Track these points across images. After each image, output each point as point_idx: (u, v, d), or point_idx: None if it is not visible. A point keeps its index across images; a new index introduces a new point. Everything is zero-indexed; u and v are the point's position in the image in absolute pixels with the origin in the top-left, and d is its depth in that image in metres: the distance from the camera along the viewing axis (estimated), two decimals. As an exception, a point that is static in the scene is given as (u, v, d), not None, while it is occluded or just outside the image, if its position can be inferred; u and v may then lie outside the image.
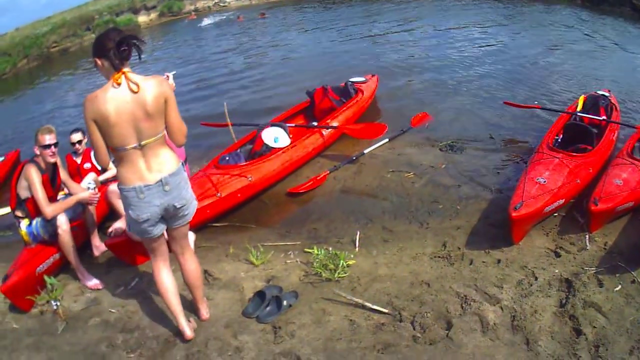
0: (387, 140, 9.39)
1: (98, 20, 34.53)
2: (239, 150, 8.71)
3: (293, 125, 9.41)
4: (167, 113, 4.15)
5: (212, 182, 7.43)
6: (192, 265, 4.86)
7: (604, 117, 8.56)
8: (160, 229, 4.50)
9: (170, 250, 4.81)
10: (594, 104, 9.14)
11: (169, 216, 4.44)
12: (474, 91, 12.23)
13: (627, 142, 7.58)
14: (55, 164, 6.34)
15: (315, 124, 9.59)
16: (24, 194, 6.17)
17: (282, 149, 8.51)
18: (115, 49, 3.91)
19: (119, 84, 3.94)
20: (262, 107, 12.48)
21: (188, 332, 4.90)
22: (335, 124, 9.39)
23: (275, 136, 8.73)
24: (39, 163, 6.15)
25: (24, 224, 6.26)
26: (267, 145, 8.58)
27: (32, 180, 5.99)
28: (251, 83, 15.21)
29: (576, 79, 12.69)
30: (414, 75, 13.94)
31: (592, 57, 14.94)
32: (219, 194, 7.23)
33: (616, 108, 9.08)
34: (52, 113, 15.95)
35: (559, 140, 8.05)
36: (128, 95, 3.95)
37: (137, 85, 3.96)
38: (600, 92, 9.49)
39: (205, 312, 5.20)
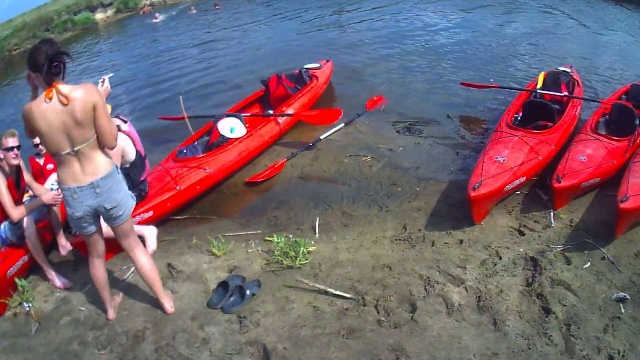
0: (343, 125, 9.41)
1: (57, 21, 34.04)
2: (196, 143, 8.66)
3: (248, 114, 9.39)
4: (96, 118, 4.31)
5: (171, 176, 7.41)
6: (142, 259, 4.99)
7: (565, 93, 8.62)
8: (95, 227, 4.75)
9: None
10: (554, 80, 9.19)
11: (104, 216, 4.66)
12: (430, 73, 12.21)
13: (591, 117, 7.65)
14: (18, 167, 6.33)
15: (270, 112, 9.59)
16: None
17: (238, 139, 8.48)
18: (47, 65, 4.13)
19: (50, 99, 4.16)
20: (217, 99, 12.37)
21: (110, 313, 5.33)
22: (290, 111, 9.40)
23: (231, 126, 8.71)
24: (2, 167, 6.15)
25: None
26: (223, 136, 8.54)
27: None
28: (205, 75, 15.05)
29: (537, 56, 12.80)
30: (369, 60, 13.89)
31: (554, 34, 14.97)
32: (178, 187, 7.21)
33: (578, 84, 9.12)
34: (15, 115, 15.51)
35: (519, 118, 8.06)
36: (59, 107, 4.17)
37: (67, 97, 4.16)
38: (562, 69, 9.56)
39: (169, 306, 5.27)
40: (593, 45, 13.56)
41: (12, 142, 6.03)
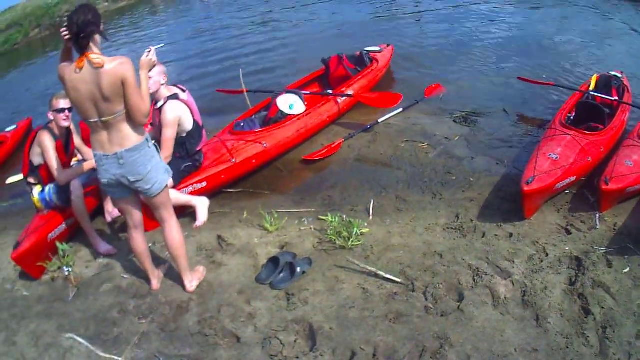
0: (401, 109, 9.35)
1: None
2: (254, 117, 8.68)
3: (308, 92, 9.36)
4: (126, 94, 4.32)
5: (227, 148, 7.44)
6: (171, 234, 5.01)
7: (616, 98, 8.54)
8: (124, 195, 4.81)
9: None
10: (606, 84, 9.09)
11: (131, 187, 4.67)
12: (488, 65, 12.11)
13: (639, 124, 7.58)
14: (69, 129, 6.41)
15: (330, 91, 9.53)
16: (37, 160, 6.26)
17: (297, 116, 8.48)
18: (75, 37, 4.21)
19: (80, 68, 4.23)
20: (276, 75, 12.39)
21: (154, 283, 5.42)
22: (350, 92, 9.33)
23: (290, 103, 8.70)
24: (52, 129, 6.22)
25: (36, 190, 6.33)
26: (282, 112, 8.54)
27: (46, 146, 6.08)
28: (265, 51, 15.00)
29: (590, 58, 12.51)
30: (429, 47, 13.79)
31: (607, 38, 14.74)
32: (233, 160, 7.25)
33: (628, 89, 9.03)
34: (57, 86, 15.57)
35: (572, 117, 8.01)
36: (88, 77, 4.23)
37: (100, 64, 4.20)
38: (613, 73, 9.41)
39: (189, 285, 5.32)
40: None
41: (63, 103, 6.06)
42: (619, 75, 9.33)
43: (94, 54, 4.25)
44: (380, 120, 9.07)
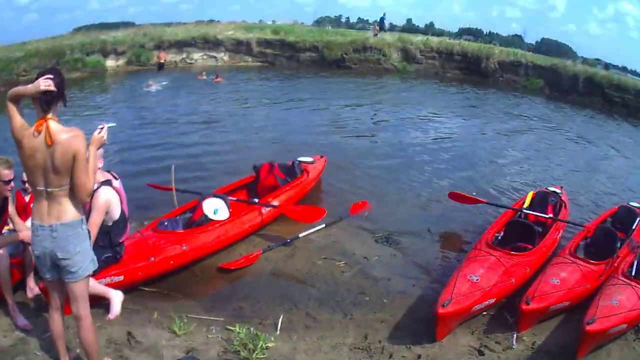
0: (323, 225, 9.57)
1: (69, 57, 34.32)
2: (178, 217, 8.79)
3: (235, 199, 9.57)
4: (73, 170, 4.39)
5: (148, 245, 7.50)
6: (84, 333, 4.91)
7: (551, 215, 8.92)
8: (52, 275, 4.72)
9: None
10: (542, 200, 9.48)
11: (58, 265, 4.61)
12: (420, 181, 12.70)
13: (572, 241, 7.92)
14: (6, 197, 6.33)
15: (256, 200, 9.79)
16: None
17: (220, 221, 8.62)
18: (42, 94, 4.30)
19: (39, 132, 4.30)
20: (207, 175, 12.58)
21: None
22: (276, 203, 9.56)
23: (215, 208, 8.87)
24: None
25: None
26: (206, 216, 8.68)
27: None
28: (201, 148, 15.28)
29: (530, 173, 13.58)
30: (362, 160, 14.31)
31: (551, 151, 15.79)
32: (152, 259, 7.28)
33: (565, 206, 9.44)
34: (7, 142, 15.35)
35: (499, 237, 8.24)
36: (43, 145, 4.28)
37: (52, 138, 4.27)
38: (552, 189, 9.95)
39: None
40: (589, 166, 14.81)
41: (7, 175, 5.99)
42: (558, 191, 9.86)
43: (53, 121, 4.33)
44: (301, 235, 9.25)
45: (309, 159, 11.59)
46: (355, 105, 23.14)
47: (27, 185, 7.44)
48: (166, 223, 8.35)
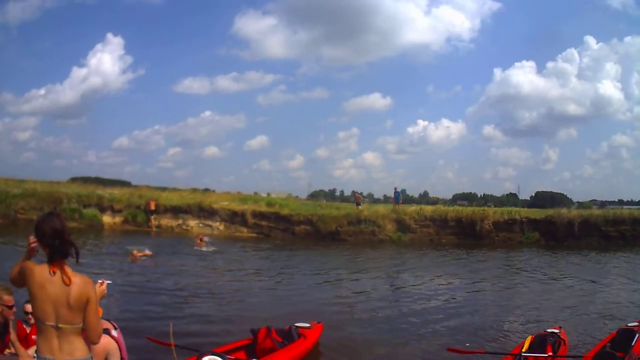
0: None
1: (65, 205, 34.96)
2: (176, 373, 8.69)
3: (233, 358, 9.51)
4: (86, 312, 4.61)
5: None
6: None
7: (550, 354, 8.98)
8: None
9: None
10: (541, 342, 9.64)
11: None
12: (420, 340, 12.75)
13: None
14: (7, 322, 6.60)
15: (254, 361, 9.70)
16: None
17: (218, 381, 8.50)
18: (58, 243, 4.55)
19: (54, 272, 4.52)
20: (205, 334, 12.57)
21: None
22: (273, 364, 9.49)
23: (213, 365, 8.82)
24: None
25: None
26: (204, 374, 8.61)
27: None
28: (200, 308, 15.46)
29: (529, 320, 13.95)
30: (359, 326, 14.37)
31: (547, 295, 16.13)
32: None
33: (565, 343, 9.68)
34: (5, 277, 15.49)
35: None
36: (59, 283, 4.50)
37: (70, 279, 4.51)
38: (550, 330, 10.14)
39: None
40: (585, 301, 15.08)
41: (9, 300, 6.39)
42: (557, 332, 10.03)
43: (67, 266, 4.58)
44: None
45: (306, 325, 11.64)
46: (351, 276, 23.50)
47: (29, 316, 7.57)
48: (165, 376, 8.30)
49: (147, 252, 22.91)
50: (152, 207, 40.35)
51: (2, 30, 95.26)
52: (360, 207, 42.71)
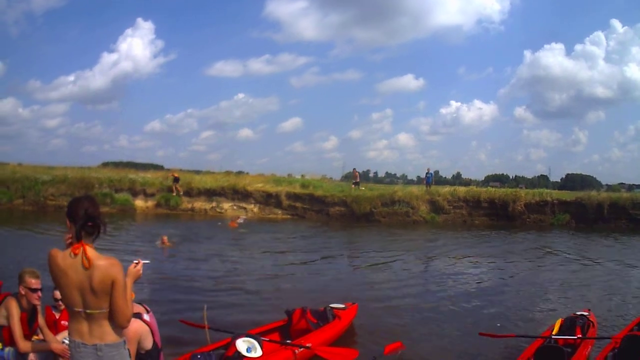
0: None
1: (97, 190, 35.22)
2: (211, 352, 8.69)
3: (267, 339, 9.44)
4: (112, 296, 4.48)
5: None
6: None
7: (579, 336, 9.07)
8: None
9: None
10: (571, 324, 9.75)
11: None
12: (453, 322, 12.66)
13: (600, 354, 8.26)
14: (35, 307, 6.69)
15: (289, 342, 9.64)
16: (1, 321, 6.50)
17: (253, 359, 8.51)
18: (83, 221, 4.42)
19: (75, 255, 4.40)
20: (239, 316, 12.56)
21: None
22: (308, 344, 9.41)
23: (248, 346, 8.75)
24: (20, 301, 6.54)
25: None
26: (239, 353, 8.56)
27: (12, 314, 6.39)
28: (234, 290, 15.42)
29: (560, 302, 14.08)
30: (394, 304, 14.43)
31: (577, 278, 16.32)
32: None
33: (593, 325, 9.75)
34: (37, 262, 15.56)
35: None
36: (80, 267, 4.39)
37: (90, 262, 4.38)
38: (579, 313, 10.21)
39: None
40: (615, 284, 16.10)
41: (36, 283, 6.47)
42: (586, 314, 10.11)
43: (90, 247, 4.47)
44: (333, 375, 9.04)
45: (341, 305, 11.58)
46: (385, 255, 23.38)
47: (59, 302, 7.61)
48: (199, 356, 8.31)
49: (168, 242, 22.64)
50: (176, 175, 41.65)
51: (28, 19, 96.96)
52: (356, 187, 42.93)
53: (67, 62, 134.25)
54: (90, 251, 4.46)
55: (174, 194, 39.85)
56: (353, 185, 43.37)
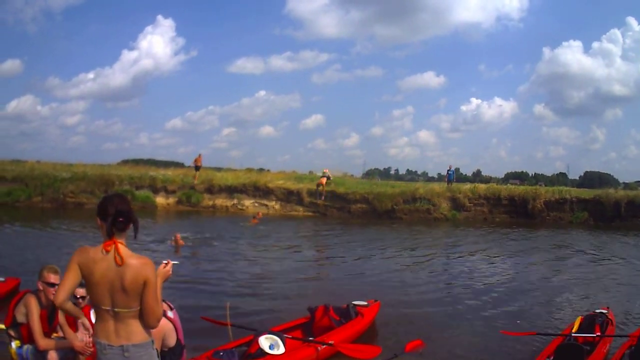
0: None
1: (117, 187, 35.31)
2: (234, 349, 8.72)
3: (290, 337, 9.45)
4: (144, 294, 4.44)
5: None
6: None
7: (598, 334, 9.10)
8: None
9: None
10: (590, 322, 9.81)
11: None
12: (473, 320, 12.66)
13: (618, 351, 8.37)
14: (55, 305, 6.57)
15: (312, 339, 9.64)
16: (20, 318, 6.56)
17: (276, 356, 8.53)
18: (113, 217, 4.39)
19: (107, 252, 4.38)
20: (261, 314, 12.55)
21: None
22: (331, 342, 9.38)
23: (271, 343, 8.79)
24: (40, 297, 6.60)
25: (14, 344, 6.58)
26: (262, 350, 8.59)
27: (31, 311, 6.44)
28: (256, 288, 15.45)
29: (578, 300, 14.11)
30: (416, 302, 14.42)
31: (596, 276, 16.45)
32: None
33: (612, 323, 9.86)
34: (56, 258, 15.79)
35: None
36: (112, 264, 4.34)
37: (122, 259, 4.35)
38: (599, 311, 10.32)
39: None
40: (633, 281, 16.40)
41: (54, 278, 6.47)
42: (605, 312, 10.20)
43: (122, 244, 4.45)
44: (356, 371, 8.99)
45: (364, 303, 11.55)
46: (406, 253, 23.47)
47: (79, 300, 7.48)
48: (222, 353, 8.33)
49: (182, 241, 22.40)
50: (199, 163, 42.01)
51: (46, 16, 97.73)
52: (320, 188, 39.74)
53: (87, 60, 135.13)
54: (123, 248, 4.43)
55: (195, 177, 40.70)
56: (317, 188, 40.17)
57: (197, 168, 41.71)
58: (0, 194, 33.63)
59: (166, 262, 4.95)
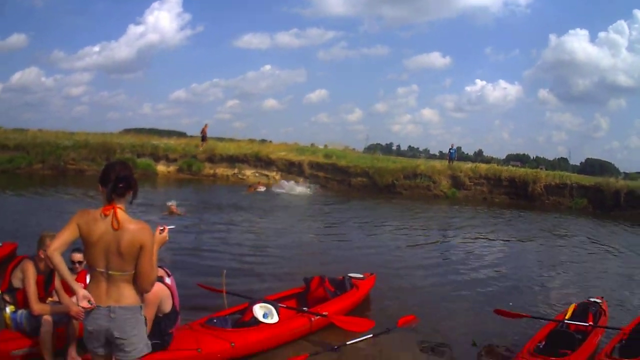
0: (371, 335, 9.38)
1: (119, 155, 35.26)
2: (227, 316, 8.81)
3: (284, 306, 9.53)
4: (139, 259, 4.53)
5: (196, 338, 7.56)
6: None
7: (590, 323, 9.09)
8: (104, 350, 4.71)
9: None
10: (583, 310, 9.78)
11: (112, 344, 4.63)
12: (468, 297, 12.75)
13: (608, 344, 8.20)
14: (53, 271, 6.68)
15: (305, 309, 9.71)
16: (16, 283, 6.64)
17: (269, 324, 8.63)
18: (113, 183, 4.47)
19: (106, 216, 4.46)
20: (257, 283, 12.59)
21: None
22: (325, 312, 9.48)
23: (265, 311, 8.91)
24: (37, 263, 6.67)
25: (9, 309, 6.67)
26: (255, 318, 8.69)
27: (28, 276, 6.50)
28: (253, 257, 15.47)
29: (573, 287, 14.06)
30: (411, 277, 14.43)
31: (593, 264, 16.62)
32: (199, 350, 7.32)
33: (605, 313, 9.72)
34: (55, 224, 15.75)
35: (541, 346, 8.35)
36: (109, 228, 4.43)
37: (119, 223, 4.43)
38: (593, 299, 10.25)
39: None
40: (629, 273, 16.03)
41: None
42: (599, 301, 10.15)
43: (121, 209, 4.53)
44: (348, 343, 9.06)
45: (359, 275, 11.61)
46: (405, 228, 23.55)
47: (76, 265, 7.61)
48: (215, 320, 8.40)
49: (177, 210, 22.17)
50: (204, 133, 42.68)
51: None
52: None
53: (92, 34, 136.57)
54: (121, 213, 4.51)
55: (199, 145, 41.21)
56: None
57: (203, 138, 41.91)
58: (2, 161, 33.52)
59: (162, 227, 4.97)
